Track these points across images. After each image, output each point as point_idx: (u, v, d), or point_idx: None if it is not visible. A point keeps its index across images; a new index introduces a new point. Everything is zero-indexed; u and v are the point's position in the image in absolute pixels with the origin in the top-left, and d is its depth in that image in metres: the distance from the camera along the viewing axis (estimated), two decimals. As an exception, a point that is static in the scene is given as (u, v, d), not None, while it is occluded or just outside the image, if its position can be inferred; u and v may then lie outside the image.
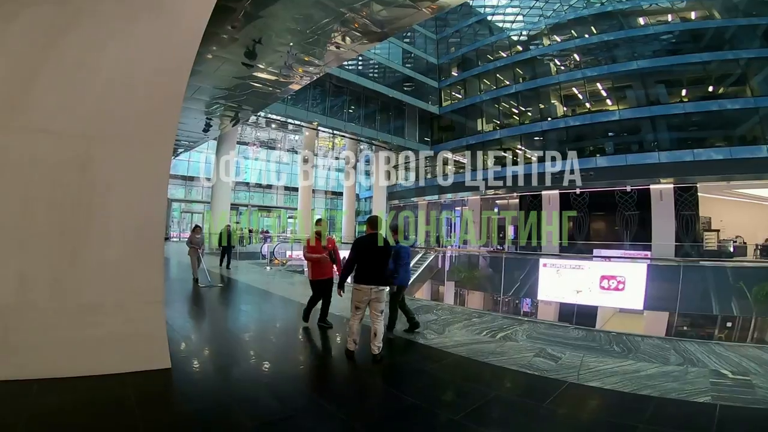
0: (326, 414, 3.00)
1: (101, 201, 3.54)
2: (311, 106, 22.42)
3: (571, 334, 5.33)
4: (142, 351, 3.60)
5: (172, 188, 30.54)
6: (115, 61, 3.56)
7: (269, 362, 4.20)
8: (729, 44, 18.21)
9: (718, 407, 2.99)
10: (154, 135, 3.73)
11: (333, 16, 7.56)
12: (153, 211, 3.76)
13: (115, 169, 3.58)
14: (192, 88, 11.08)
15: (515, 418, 3.00)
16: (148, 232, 3.71)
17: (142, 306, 3.65)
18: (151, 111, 3.71)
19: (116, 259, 3.56)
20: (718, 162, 17.16)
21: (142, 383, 3.31)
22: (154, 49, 3.72)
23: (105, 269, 3.53)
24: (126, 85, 3.60)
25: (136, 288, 3.65)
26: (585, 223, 21.63)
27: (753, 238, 17.36)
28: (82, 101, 3.45)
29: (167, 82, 3.80)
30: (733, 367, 3.87)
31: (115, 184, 3.58)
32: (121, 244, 3.60)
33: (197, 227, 10.25)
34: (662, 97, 19.48)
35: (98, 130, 3.51)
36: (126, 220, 3.63)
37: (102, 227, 3.54)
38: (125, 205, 3.63)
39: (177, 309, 6.45)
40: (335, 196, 40.26)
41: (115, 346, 3.49)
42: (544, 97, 23.32)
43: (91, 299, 3.47)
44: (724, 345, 4.59)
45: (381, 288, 4.22)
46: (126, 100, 3.61)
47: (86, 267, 3.47)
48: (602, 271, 14.80)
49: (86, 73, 3.46)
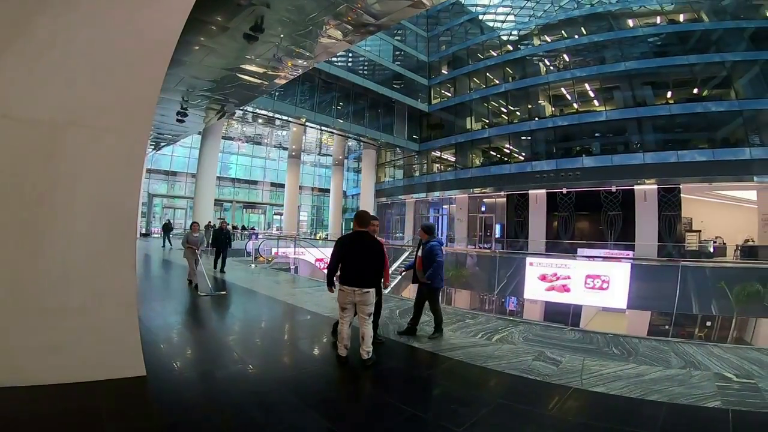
0: (317, 428, 2.80)
1: (67, 194, 3.22)
2: (299, 102, 22.06)
3: (567, 335, 5.22)
4: (114, 358, 3.32)
5: (155, 183, 29.77)
6: (88, 45, 3.24)
7: (255, 368, 3.98)
8: (715, 46, 18.49)
9: (731, 412, 2.89)
10: (128, 124, 3.42)
11: (326, 7, 7.33)
12: (125, 206, 3.45)
13: (83, 159, 3.26)
14: (176, 79, 10.69)
15: (522, 428, 2.84)
16: (120, 228, 3.40)
17: (112, 309, 3.36)
18: (125, 98, 3.40)
19: (83, 258, 3.25)
20: (701, 163, 17.47)
21: (114, 393, 3.05)
22: (132, 33, 3.41)
23: (70, 269, 3.22)
24: (99, 70, 3.29)
25: (105, 289, 3.34)
26: (571, 223, 21.84)
27: (733, 239, 17.75)
28: (49, 86, 3.12)
29: (144, 68, 3.49)
30: (735, 370, 3.79)
31: (83, 175, 3.26)
32: (89, 241, 3.28)
33: (195, 224, 9.22)
34: (648, 98, 19.75)
35: (66, 118, 3.18)
36: (95, 215, 3.32)
37: (67, 223, 3.22)
38: (94, 199, 3.31)
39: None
40: (322, 193, 39.91)
41: (82, 353, 3.20)
42: (533, 96, 23.46)
43: (54, 302, 3.16)
44: (722, 347, 4.54)
45: (365, 290, 3.94)
46: (98, 86, 3.29)
47: (49, 267, 3.16)
48: (587, 271, 14.91)
49: (55, 57, 3.13)
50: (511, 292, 17.30)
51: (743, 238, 17.44)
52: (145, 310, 5.81)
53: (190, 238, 8.60)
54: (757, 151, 16.43)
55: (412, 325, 5.19)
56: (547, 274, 14.82)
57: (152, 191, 29.01)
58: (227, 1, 7.24)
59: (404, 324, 5.56)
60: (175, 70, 9.84)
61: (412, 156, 29.76)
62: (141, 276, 10.07)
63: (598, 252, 19.51)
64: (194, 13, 4.00)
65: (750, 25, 18.06)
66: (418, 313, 5.19)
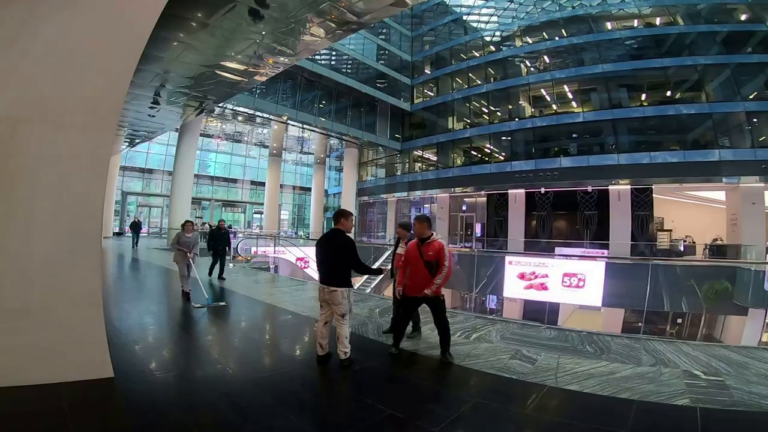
0: (295, 428, 2.76)
1: (26, 192, 3.10)
2: (281, 100, 21.77)
3: (543, 333, 5.31)
4: (79, 359, 3.22)
5: (129, 181, 28.95)
6: (53, 39, 3.13)
7: (231, 369, 3.90)
8: (688, 50, 19.03)
9: (699, 410, 2.97)
10: (93, 120, 3.30)
11: (309, 4, 7.23)
12: (89, 204, 3.33)
13: (44, 155, 3.14)
14: (152, 75, 10.39)
15: (499, 427, 2.87)
16: (83, 227, 3.29)
17: (76, 309, 3.25)
18: (89, 94, 3.29)
19: (43, 258, 3.14)
20: (672, 165, 18.04)
21: (79, 394, 2.96)
22: (99, 29, 3.30)
23: (31, 268, 3.11)
24: (62, 66, 3.18)
25: (68, 290, 3.24)
26: (549, 222, 22.26)
27: (702, 238, 18.41)
28: (8, 81, 3.00)
29: (112, 64, 3.38)
30: (703, 367, 3.92)
31: (44, 172, 3.14)
32: (51, 240, 3.17)
33: (188, 223, 7.67)
34: (624, 100, 20.26)
35: (25, 114, 3.06)
36: (56, 213, 3.20)
37: (26, 222, 3.10)
38: (56, 197, 3.19)
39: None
40: (303, 192, 39.57)
41: (46, 354, 3.11)
42: (514, 97, 23.78)
43: (14, 303, 3.05)
44: (691, 344, 4.69)
45: (332, 289, 3.90)
46: (61, 80, 3.18)
47: (8, 267, 3.04)
48: (564, 269, 15.22)
49: (16, 51, 3.01)
50: (491, 291, 17.52)
51: (712, 238, 18.12)
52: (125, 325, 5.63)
53: (181, 239, 7.30)
54: (726, 153, 17.07)
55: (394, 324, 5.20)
56: (526, 273, 15.04)
57: (126, 189, 28.18)
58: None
59: (384, 323, 5.56)
60: (150, 66, 9.56)
61: (394, 155, 29.78)
62: (118, 279, 9.79)
63: (574, 251, 19.97)
64: (172, 9, 3.90)
65: (723, 29, 18.68)
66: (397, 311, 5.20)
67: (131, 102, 12.24)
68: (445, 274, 4.18)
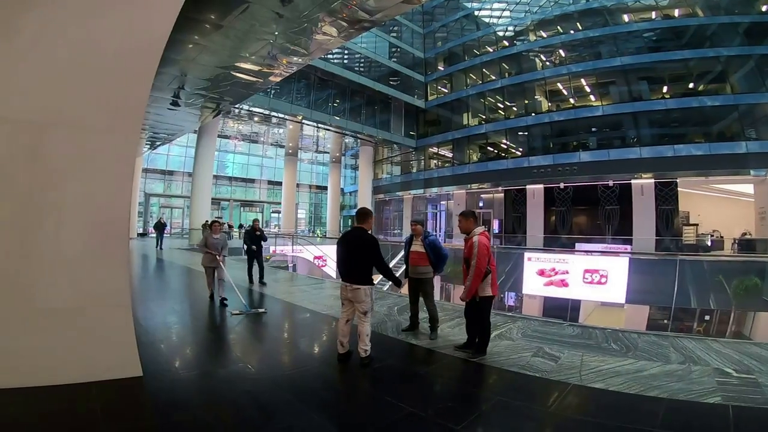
0: (316, 426, 2.76)
1: (55, 194, 3.16)
2: (296, 99, 21.96)
3: (566, 331, 5.21)
4: (109, 358, 3.28)
5: (151, 183, 29.63)
6: (76, 43, 3.18)
7: (253, 368, 3.95)
8: (710, 41, 18.52)
9: (731, 408, 2.87)
10: (117, 123, 3.36)
11: (320, 4, 7.25)
12: (116, 205, 3.39)
13: (72, 158, 3.20)
14: (170, 77, 10.59)
15: (522, 425, 2.82)
16: (111, 228, 3.35)
17: (106, 310, 3.31)
18: (114, 97, 3.34)
19: (73, 259, 3.20)
20: (697, 158, 17.52)
21: (110, 393, 3.01)
22: (121, 32, 3.35)
23: (61, 270, 3.17)
24: (86, 68, 3.23)
25: (97, 290, 3.29)
26: (568, 218, 21.87)
27: (729, 233, 17.81)
28: (34, 85, 3.07)
29: (134, 66, 3.43)
30: (735, 365, 3.78)
31: (72, 175, 3.20)
32: (80, 242, 3.23)
33: (216, 223, 7.05)
34: (644, 93, 19.78)
35: (52, 117, 3.13)
36: (85, 215, 3.26)
37: (57, 224, 3.17)
38: (84, 199, 3.25)
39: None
40: (320, 191, 39.80)
41: (77, 354, 3.16)
42: (529, 92, 23.44)
43: (45, 303, 3.12)
44: (721, 342, 4.53)
45: (356, 287, 3.90)
46: (86, 84, 3.23)
47: (39, 268, 3.11)
48: (585, 265, 14.93)
49: (41, 56, 3.07)
50: (509, 288, 17.33)
51: (740, 232, 17.49)
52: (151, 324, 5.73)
53: (209, 241, 6.75)
54: (753, 145, 16.47)
55: (413, 322, 5.20)
56: (546, 269, 14.82)
57: (149, 191, 28.87)
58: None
59: (403, 321, 5.55)
60: (168, 68, 9.75)
61: (409, 152, 29.70)
62: (144, 279, 10.02)
63: (596, 246, 19.55)
64: (187, 12, 3.95)
65: (744, 20, 18.11)
66: (414, 308, 5.20)
67: (151, 105, 12.52)
68: (473, 274, 3.99)
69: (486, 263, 4.00)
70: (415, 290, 5.16)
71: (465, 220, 4.28)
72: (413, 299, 5.21)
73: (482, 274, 4.00)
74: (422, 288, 5.09)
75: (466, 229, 4.27)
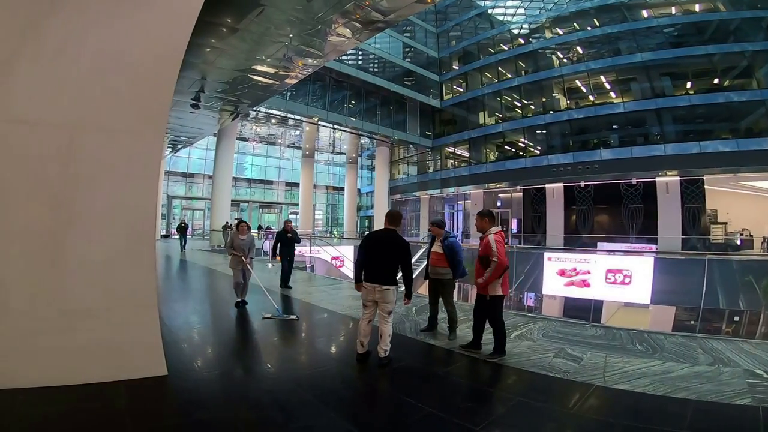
0: (336, 427, 2.77)
1: (85, 197, 3.24)
2: (311, 101, 22.17)
3: (588, 332, 5.10)
4: (136, 358, 3.35)
5: (173, 185, 30.31)
6: (100, 48, 3.27)
7: (273, 367, 3.99)
8: (733, 36, 18.02)
9: (761, 410, 2.76)
10: (143, 126, 3.43)
11: (333, 5, 7.30)
12: (143, 207, 3.46)
13: (100, 161, 3.28)
14: (189, 81, 10.83)
15: (543, 427, 2.77)
16: (138, 229, 3.41)
17: (133, 310, 3.38)
18: (138, 99, 3.42)
19: (103, 260, 3.28)
20: (724, 154, 16.94)
21: (137, 392, 3.08)
22: (143, 34, 3.43)
23: (90, 271, 3.24)
24: (112, 72, 3.31)
25: (125, 291, 3.36)
26: (590, 217, 21.43)
27: (760, 231, 17.15)
28: (63, 89, 3.15)
29: (157, 69, 3.51)
30: (766, 366, 3.64)
31: (101, 178, 3.28)
32: (108, 243, 3.31)
33: (243, 223, 6.83)
34: (667, 89, 19.28)
35: (81, 120, 3.21)
36: (113, 217, 3.34)
37: (86, 225, 3.25)
38: (112, 201, 3.33)
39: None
40: (336, 191, 40.03)
41: (105, 354, 3.24)
42: (547, 90, 23.08)
43: (75, 303, 3.20)
44: (752, 343, 4.36)
45: (386, 287, 3.93)
46: (112, 88, 3.32)
47: (69, 269, 3.19)
48: (608, 265, 14.60)
49: (68, 60, 3.16)
50: (528, 288, 17.08)
51: (771, 230, 16.83)
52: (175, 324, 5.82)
53: (236, 242, 6.50)
54: (783, 141, 15.85)
55: (432, 323, 5.17)
56: (566, 269, 14.55)
57: (171, 193, 29.55)
58: (235, 2, 7.28)
59: (421, 322, 5.53)
60: (188, 72, 9.97)
61: (425, 152, 29.60)
62: (167, 280, 10.24)
63: (619, 246, 19.09)
64: (204, 16, 4.01)
65: (767, 15, 17.50)
66: (433, 309, 5.19)
67: (173, 108, 12.82)
68: (493, 268, 4.00)
69: (507, 258, 4.06)
70: (434, 290, 5.15)
71: (481, 219, 4.34)
72: (433, 299, 5.20)
73: (503, 268, 4.02)
74: (441, 288, 5.08)
75: (481, 228, 4.32)
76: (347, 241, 25.82)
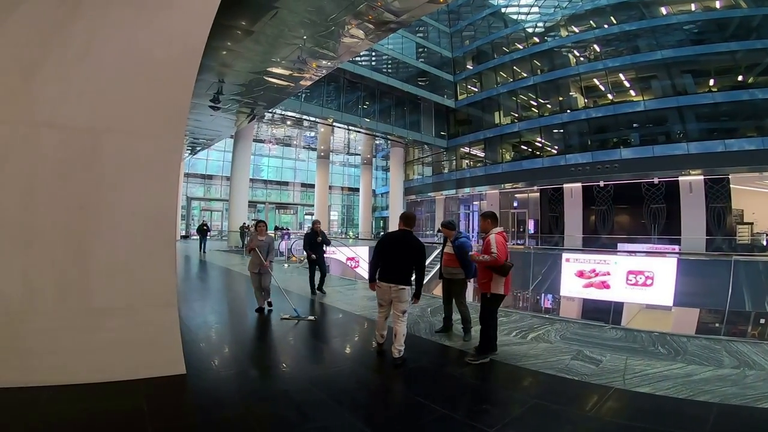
0: (350, 426, 2.77)
1: (109, 198, 3.33)
2: (326, 102, 22.31)
3: (608, 334, 4.99)
4: (156, 356, 3.42)
5: (192, 187, 30.89)
6: (121, 52, 3.36)
7: (289, 367, 4.02)
8: (756, 33, 17.41)
9: (790, 416, 2.67)
10: (164, 128, 3.52)
11: (346, 7, 7.34)
12: (164, 208, 3.53)
13: (123, 164, 3.37)
14: (206, 84, 11.03)
15: (559, 430, 2.72)
16: (159, 230, 3.49)
17: (154, 309, 3.45)
18: (159, 103, 3.50)
19: (125, 260, 3.36)
20: (750, 152, 16.39)
21: (157, 390, 3.14)
22: (161, 38, 3.51)
23: (114, 271, 3.33)
24: (132, 76, 3.39)
25: (147, 290, 3.44)
26: (609, 217, 20.98)
27: (788, 232, 16.53)
28: (86, 93, 3.25)
29: (175, 73, 3.58)
30: (796, 371, 3.51)
31: (124, 180, 3.37)
32: (131, 244, 3.39)
33: (262, 223, 6.48)
34: (689, 87, 18.74)
35: (105, 124, 3.30)
36: (135, 218, 3.41)
37: (110, 226, 3.34)
38: (134, 203, 3.41)
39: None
40: (352, 192, 40.15)
41: (126, 352, 3.31)
42: (564, 88, 22.69)
43: (99, 302, 3.29)
44: (780, 346, 4.20)
45: (402, 287, 3.97)
46: (133, 92, 3.40)
47: (94, 269, 3.28)
48: (628, 266, 14.27)
49: (91, 64, 3.25)
50: (546, 289, 16.81)
51: (801, 231, 16.20)
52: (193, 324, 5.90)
53: (254, 242, 6.25)
54: (812, 139, 15.24)
55: (446, 323, 5.15)
56: (585, 270, 14.27)
57: (190, 194, 30.12)
58: (249, 5, 7.38)
59: (436, 323, 5.50)
60: (205, 75, 10.15)
61: (440, 153, 29.45)
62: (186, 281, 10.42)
63: (640, 247, 18.64)
64: (219, 19, 4.08)
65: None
66: (447, 309, 5.17)
67: (191, 111, 13.09)
68: (489, 259, 4.00)
69: (506, 256, 4.06)
70: (447, 290, 5.14)
71: (483, 220, 4.40)
72: (446, 299, 5.19)
73: (499, 264, 3.99)
74: (453, 288, 5.07)
75: (484, 228, 4.38)
76: (362, 241, 25.86)
